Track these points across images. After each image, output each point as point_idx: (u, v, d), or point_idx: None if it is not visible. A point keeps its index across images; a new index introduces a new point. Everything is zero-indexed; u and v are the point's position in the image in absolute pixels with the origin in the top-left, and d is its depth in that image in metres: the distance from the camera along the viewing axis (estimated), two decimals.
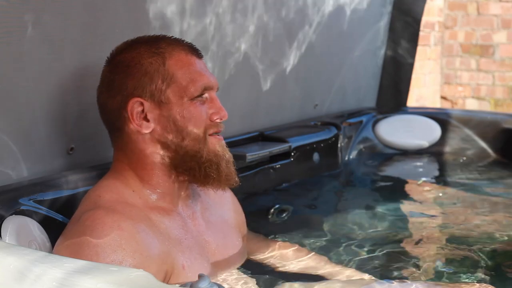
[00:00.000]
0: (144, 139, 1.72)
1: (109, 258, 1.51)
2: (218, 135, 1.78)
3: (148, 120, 1.71)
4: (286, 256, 2.01)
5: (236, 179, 1.81)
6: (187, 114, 1.72)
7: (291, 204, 2.65)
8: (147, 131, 1.72)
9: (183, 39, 1.81)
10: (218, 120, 1.76)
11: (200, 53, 1.80)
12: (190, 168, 1.74)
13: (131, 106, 1.70)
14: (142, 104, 1.71)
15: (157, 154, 1.73)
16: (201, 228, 1.80)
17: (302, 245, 2.07)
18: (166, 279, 1.61)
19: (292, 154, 2.83)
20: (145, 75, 1.71)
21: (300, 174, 2.88)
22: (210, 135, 1.75)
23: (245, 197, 2.16)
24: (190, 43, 1.80)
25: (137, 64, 1.72)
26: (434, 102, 5.97)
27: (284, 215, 2.51)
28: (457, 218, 2.52)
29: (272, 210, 2.51)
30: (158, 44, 1.75)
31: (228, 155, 1.79)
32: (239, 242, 1.93)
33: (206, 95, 1.75)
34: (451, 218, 2.54)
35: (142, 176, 1.73)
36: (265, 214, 2.47)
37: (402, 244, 2.20)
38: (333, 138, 3.11)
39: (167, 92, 1.71)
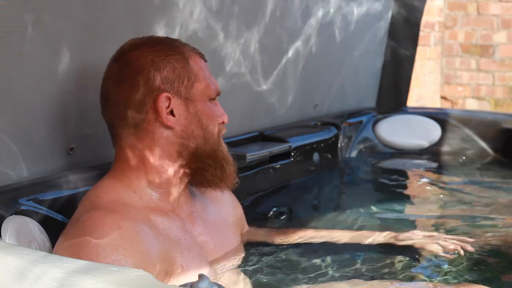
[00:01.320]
0: (165, 134, 1.72)
1: (110, 257, 1.51)
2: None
3: (174, 115, 1.72)
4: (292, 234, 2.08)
5: (236, 180, 1.86)
6: (209, 113, 1.76)
7: (291, 204, 2.65)
8: (173, 126, 1.72)
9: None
10: (222, 124, 1.81)
11: (204, 57, 1.83)
12: (207, 165, 1.77)
13: (161, 100, 1.70)
14: (169, 99, 1.71)
15: (174, 150, 1.73)
16: (199, 228, 1.80)
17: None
18: (165, 279, 1.61)
19: (292, 154, 2.83)
20: (173, 70, 1.72)
21: (300, 174, 2.88)
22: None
23: (245, 197, 2.16)
24: (194, 47, 1.83)
25: (164, 59, 1.72)
26: (434, 102, 5.98)
27: (284, 215, 2.51)
28: (457, 218, 2.52)
29: (272, 210, 2.51)
30: (175, 44, 1.78)
31: (230, 157, 1.84)
32: (236, 241, 1.93)
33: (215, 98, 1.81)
34: (451, 218, 2.54)
35: (150, 174, 1.72)
36: (265, 214, 2.47)
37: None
38: (333, 138, 3.11)
39: (192, 89, 1.74)
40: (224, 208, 1.96)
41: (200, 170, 1.77)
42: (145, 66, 1.71)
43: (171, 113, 1.72)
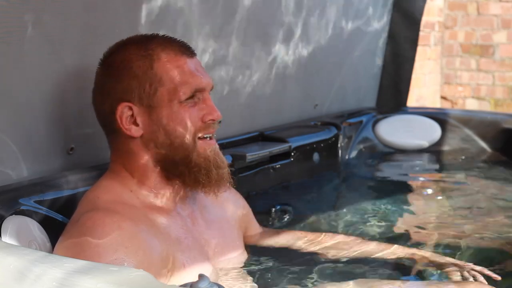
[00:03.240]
0: (136, 142, 1.72)
1: (111, 258, 1.51)
2: (210, 138, 1.75)
3: (137, 125, 1.70)
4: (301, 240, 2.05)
5: (227, 184, 1.79)
6: (176, 118, 1.70)
7: (291, 204, 2.65)
8: (137, 135, 1.71)
9: (174, 37, 1.78)
10: (210, 122, 1.73)
11: (193, 51, 1.77)
12: (180, 173, 1.73)
13: (120, 111, 1.70)
14: (131, 108, 1.70)
15: (149, 157, 1.73)
16: (201, 227, 1.80)
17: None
18: (167, 279, 1.61)
19: (292, 154, 2.83)
20: (133, 79, 1.70)
21: (300, 174, 2.88)
22: (199, 138, 1.73)
23: (245, 197, 2.15)
24: (181, 41, 1.77)
25: (125, 67, 1.71)
26: (434, 102, 5.97)
27: (284, 215, 2.51)
28: (457, 218, 2.52)
29: (272, 210, 2.51)
30: (148, 46, 1.73)
31: (219, 159, 1.76)
32: (239, 240, 1.93)
33: (197, 96, 1.73)
34: (451, 218, 2.54)
35: (138, 177, 1.73)
36: (265, 215, 2.47)
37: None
38: (333, 138, 3.11)
39: (156, 95, 1.70)
40: (228, 207, 1.95)
41: (177, 176, 1.74)
42: (110, 75, 1.73)
43: (135, 121, 1.70)
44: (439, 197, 2.86)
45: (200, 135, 1.73)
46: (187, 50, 1.76)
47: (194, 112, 1.72)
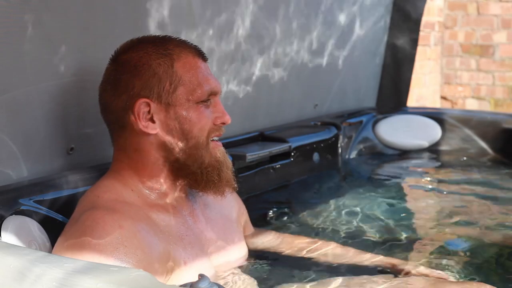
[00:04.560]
0: (148, 140, 1.72)
1: (111, 256, 1.51)
2: (217, 141, 1.78)
3: (154, 121, 1.71)
4: (299, 246, 2.04)
5: (235, 184, 1.82)
6: (193, 118, 1.72)
7: (291, 204, 2.65)
8: (152, 132, 1.71)
9: (188, 41, 1.81)
10: (221, 125, 1.77)
11: (206, 57, 1.80)
12: (192, 173, 1.75)
13: (138, 107, 1.70)
14: (148, 105, 1.70)
15: (159, 156, 1.73)
16: (202, 225, 1.81)
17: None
18: (167, 276, 1.62)
19: (292, 154, 2.83)
20: (153, 76, 1.70)
21: (300, 174, 2.88)
22: (211, 140, 1.76)
23: (245, 197, 2.16)
24: (195, 45, 1.80)
25: (145, 64, 1.71)
26: (434, 102, 5.97)
27: (284, 215, 2.51)
28: (457, 218, 2.52)
29: (272, 210, 2.51)
30: (166, 45, 1.75)
31: (227, 160, 1.81)
32: (239, 239, 1.93)
33: (210, 99, 1.76)
34: (451, 218, 2.54)
35: (142, 176, 1.73)
36: (265, 215, 2.47)
37: (402, 244, 2.20)
38: (333, 138, 3.11)
39: (175, 94, 1.71)
40: (227, 206, 1.95)
41: (190, 176, 1.75)
42: (127, 71, 1.72)
43: (152, 118, 1.71)
44: (439, 197, 2.86)
45: (211, 136, 1.76)
46: (201, 54, 1.79)
47: (207, 114, 1.75)
